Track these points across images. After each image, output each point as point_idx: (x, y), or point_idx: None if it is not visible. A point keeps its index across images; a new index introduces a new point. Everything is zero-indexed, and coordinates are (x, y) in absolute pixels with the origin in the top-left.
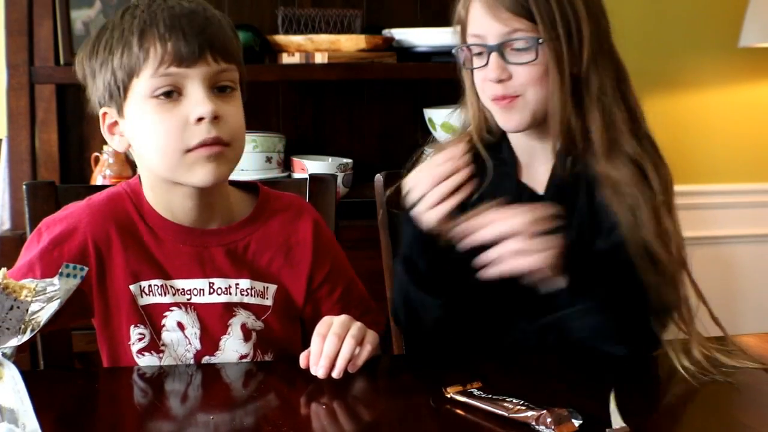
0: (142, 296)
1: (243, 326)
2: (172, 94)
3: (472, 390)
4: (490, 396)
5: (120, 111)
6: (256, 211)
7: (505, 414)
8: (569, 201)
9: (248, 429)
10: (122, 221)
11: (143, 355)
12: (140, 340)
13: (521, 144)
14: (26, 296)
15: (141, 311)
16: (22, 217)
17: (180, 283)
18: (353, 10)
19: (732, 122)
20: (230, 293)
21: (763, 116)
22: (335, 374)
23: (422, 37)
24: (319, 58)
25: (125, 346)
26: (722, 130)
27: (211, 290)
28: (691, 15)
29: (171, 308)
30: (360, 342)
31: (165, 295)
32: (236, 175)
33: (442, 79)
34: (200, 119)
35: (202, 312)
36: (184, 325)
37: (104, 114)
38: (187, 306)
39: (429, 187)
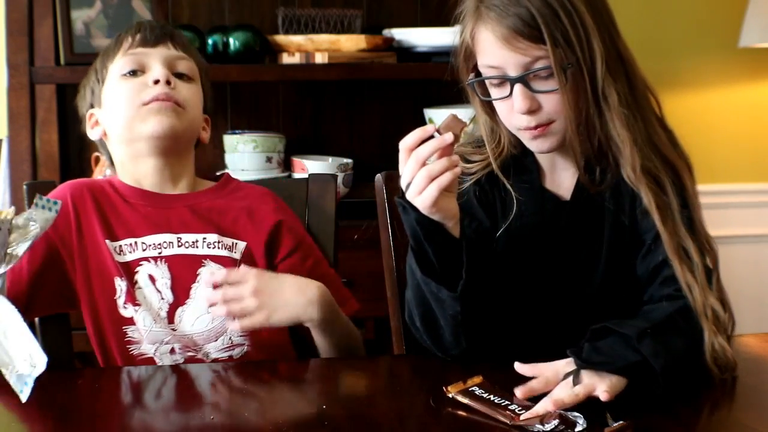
0: (117, 254)
1: None
2: (137, 72)
3: (473, 388)
4: (490, 396)
5: (99, 101)
6: (218, 186)
7: (506, 414)
8: (597, 210)
9: (249, 429)
10: (96, 190)
11: (126, 307)
12: (122, 291)
13: (544, 154)
14: (6, 216)
15: (119, 265)
16: None
17: (150, 239)
18: (353, 10)
19: (732, 122)
20: (197, 246)
21: (763, 116)
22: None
23: (422, 37)
24: (319, 58)
25: (112, 302)
26: (722, 130)
27: (179, 243)
28: (691, 15)
29: (141, 263)
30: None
31: (134, 251)
32: (236, 176)
33: (442, 79)
34: (156, 81)
35: (172, 263)
36: (155, 277)
37: (90, 115)
38: (157, 259)
39: (415, 170)
